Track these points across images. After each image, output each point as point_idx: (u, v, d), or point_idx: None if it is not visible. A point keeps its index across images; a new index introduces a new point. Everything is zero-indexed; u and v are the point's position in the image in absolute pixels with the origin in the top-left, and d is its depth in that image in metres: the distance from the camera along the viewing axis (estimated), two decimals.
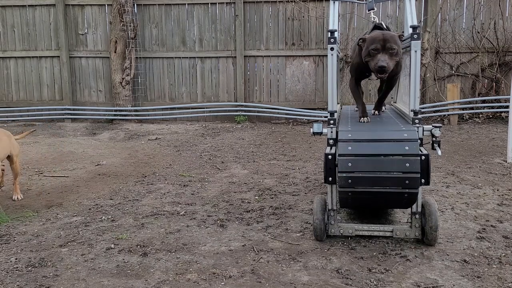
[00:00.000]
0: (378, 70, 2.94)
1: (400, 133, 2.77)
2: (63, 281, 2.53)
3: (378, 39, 2.96)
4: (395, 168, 2.64)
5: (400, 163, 2.63)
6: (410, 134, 2.73)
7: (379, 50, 2.95)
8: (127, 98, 8.61)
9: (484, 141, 6.37)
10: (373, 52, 2.97)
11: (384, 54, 2.94)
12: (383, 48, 2.95)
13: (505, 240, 2.96)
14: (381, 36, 2.97)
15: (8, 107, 9.08)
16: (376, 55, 2.96)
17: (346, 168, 2.68)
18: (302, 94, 8.64)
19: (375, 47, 2.96)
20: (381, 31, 3.10)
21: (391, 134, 2.79)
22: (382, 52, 2.95)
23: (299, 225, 3.30)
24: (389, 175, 2.64)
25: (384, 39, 2.95)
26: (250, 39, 8.62)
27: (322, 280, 2.49)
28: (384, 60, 2.92)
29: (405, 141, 2.69)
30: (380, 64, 2.91)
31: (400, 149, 2.65)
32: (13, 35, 9.03)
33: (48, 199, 4.10)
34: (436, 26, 8.19)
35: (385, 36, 2.97)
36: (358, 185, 2.69)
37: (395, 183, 2.64)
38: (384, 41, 2.94)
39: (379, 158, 2.67)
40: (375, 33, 3.05)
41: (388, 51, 2.95)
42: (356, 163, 2.68)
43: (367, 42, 3.03)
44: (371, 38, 3.01)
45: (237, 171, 4.99)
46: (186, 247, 2.96)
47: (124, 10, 8.30)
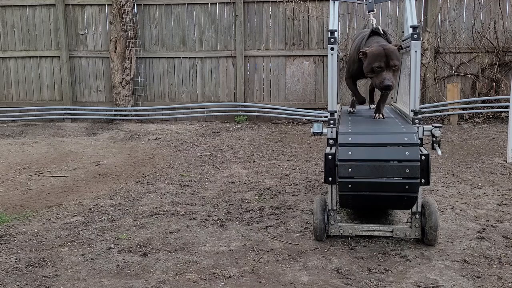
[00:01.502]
0: (384, 88, 2.96)
1: (401, 137, 2.76)
2: (63, 281, 2.53)
3: (381, 55, 2.94)
4: (395, 174, 2.64)
5: (400, 169, 2.63)
6: (410, 137, 2.72)
7: (383, 68, 2.94)
8: (127, 98, 8.61)
9: (484, 141, 6.37)
10: (377, 69, 2.96)
11: (388, 72, 2.94)
12: (387, 65, 2.94)
13: (505, 240, 2.96)
14: (383, 52, 2.94)
15: (8, 107, 9.08)
16: (381, 73, 2.95)
17: (346, 173, 2.68)
18: (302, 94, 8.64)
19: (379, 65, 2.94)
20: (381, 45, 3.03)
21: (391, 138, 2.78)
22: (386, 70, 2.94)
23: (299, 225, 3.30)
24: (389, 181, 2.64)
25: (386, 55, 2.93)
26: (250, 39, 8.62)
27: (322, 280, 2.49)
28: (390, 79, 2.92)
29: (405, 146, 2.69)
30: (386, 83, 2.92)
31: (400, 154, 2.65)
32: (13, 35, 9.03)
33: (48, 199, 4.10)
34: (436, 26, 8.19)
35: (387, 51, 2.94)
36: (358, 190, 2.69)
37: (394, 188, 2.65)
38: (387, 58, 2.93)
39: (379, 163, 2.66)
40: (376, 48, 3.01)
41: (392, 68, 2.95)
42: (356, 169, 2.68)
43: (369, 58, 3.00)
44: (374, 54, 2.98)
45: (237, 171, 4.99)
46: (186, 247, 2.96)
47: (124, 10, 8.30)
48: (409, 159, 2.64)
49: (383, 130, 2.83)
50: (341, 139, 2.78)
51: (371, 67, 2.99)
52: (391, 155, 2.66)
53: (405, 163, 2.63)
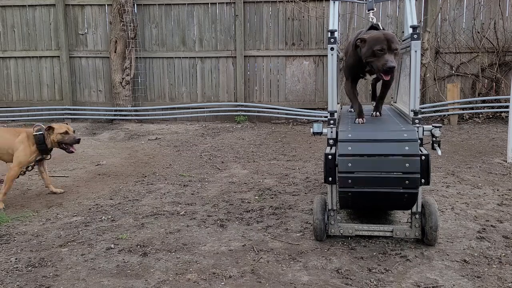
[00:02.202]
0: (387, 70, 2.92)
1: (400, 133, 2.77)
2: (63, 281, 2.53)
3: (381, 39, 2.93)
4: (395, 168, 2.63)
5: (400, 163, 2.63)
6: (410, 134, 2.73)
7: (385, 50, 2.92)
8: (127, 98, 8.61)
9: (484, 141, 6.37)
10: (379, 52, 2.93)
11: (390, 55, 2.92)
12: (389, 48, 2.92)
13: (505, 240, 2.96)
14: (383, 36, 2.94)
15: (8, 107, 9.08)
16: (383, 56, 2.92)
17: (346, 168, 2.68)
18: (302, 94, 8.64)
19: (381, 47, 2.92)
20: (379, 31, 3.08)
21: (391, 135, 2.78)
22: (388, 53, 2.92)
23: (299, 225, 3.30)
24: (389, 176, 2.64)
25: (387, 39, 2.92)
26: (250, 39, 8.62)
27: (322, 280, 2.49)
28: (392, 61, 2.90)
29: (405, 141, 2.69)
30: (389, 65, 2.89)
31: (400, 149, 2.65)
32: (13, 35, 9.03)
33: (48, 199, 4.10)
34: (436, 26, 8.19)
35: (387, 36, 2.95)
36: (358, 185, 2.69)
37: (395, 183, 2.64)
38: (388, 41, 2.92)
39: (379, 158, 2.66)
40: (375, 33, 3.03)
41: (393, 52, 2.94)
42: (356, 164, 2.67)
43: (369, 43, 2.99)
44: (373, 38, 2.98)
45: (237, 171, 4.99)
46: (186, 247, 2.96)
47: (124, 10, 8.30)
48: (409, 153, 2.63)
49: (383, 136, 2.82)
50: (341, 135, 2.78)
51: (371, 51, 2.96)
52: (390, 150, 2.66)
53: (405, 157, 2.63)
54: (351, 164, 2.68)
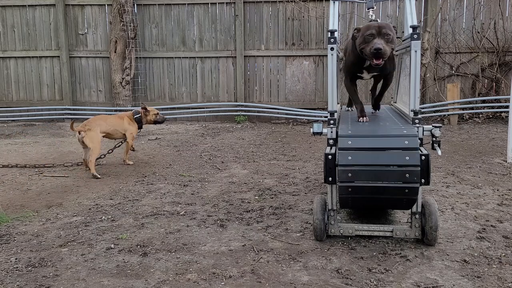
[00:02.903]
0: (374, 53, 2.89)
1: (400, 130, 2.80)
2: (63, 281, 2.53)
3: (373, 25, 2.99)
4: (395, 178, 2.63)
5: (400, 174, 2.63)
6: (409, 130, 2.75)
7: (374, 35, 2.94)
8: (127, 98, 8.61)
9: (484, 141, 6.37)
10: (368, 37, 2.95)
11: (380, 39, 2.93)
12: (379, 33, 2.94)
13: (505, 240, 2.96)
14: (376, 24, 3.01)
15: (8, 107, 9.08)
16: (372, 40, 2.94)
17: (346, 178, 2.68)
18: (302, 94, 8.64)
19: (371, 32, 2.95)
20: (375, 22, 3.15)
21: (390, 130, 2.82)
22: (378, 37, 2.94)
23: (299, 225, 3.30)
24: (388, 185, 2.63)
25: (379, 25, 2.97)
26: (250, 39, 8.63)
27: (322, 280, 2.49)
28: (380, 43, 2.89)
29: (405, 136, 2.70)
30: (376, 46, 2.87)
31: (400, 159, 2.65)
32: (13, 35, 9.03)
33: (48, 199, 4.10)
34: (436, 26, 8.19)
35: (380, 23, 3.01)
36: (358, 193, 2.69)
37: (395, 177, 2.63)
38: (379, 28, 2.95)
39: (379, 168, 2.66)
40: (369, 22, 3.13)
41: (384, 37, 2.94)
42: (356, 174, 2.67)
43: (362, 30, 3.04)
44: (366, 26, 3.05)
45: (237, 171, 4.99)
46: (186, 247, 2.96)
47: (124, 10, 8.30)
48: (409, 164, 2.63)
49: (383, 132, 2.82)
50: (341, 142, 2.78)
51: (363, 38, 2.99)
52: (391, 160, 2.65)
53: (405, 168, 2.63)
54: (351, 158, 2.68)
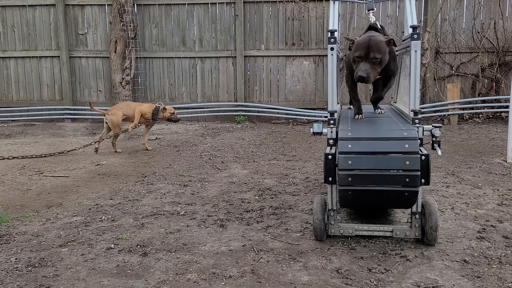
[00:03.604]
0: (358, 79, 2.97)
1: (400, 132, 2.78)
2: (63, 281, 2.53)
3: (362, 46, 2.95)
4: (395, 166, 2.63)
5: (400, 161, 2.63)
6: (409, 132, 2.74)
7: (362, 58, 2.95)
8: (127, 98, 8.61)
9: (484, 141, 6.37)
10: (357, 59, 2.98)
11: (366, 63, 2.93)
12: (366, 56, 2.94)
13: (505, 240, 2.96)
14: (366, 43, 2.95)
15: (8, 107, 9.08)
16: (359, 63, 2.96)
17: (346, 166, 2.68)
18: (302, 94, 8.64)
19: (359, 54, 2.96)
20: (369, 36, 3.05)
21: (391, 133, 2.80)
22: (364, 61, 2.94)
23: (299, 225, 3.30)
24: (389, 173, 2.63)
25: (368, 46, 2.93)
26: (250, 39, 8.63)
27: (322, 280, 2.49)
28: (365, 70, 2.91)
29: (405, 139, 2.70)
30: (359, 74, 2.92)
31: (400, 147, 2.65)
32: (13, 35, 9.04)
33: (48, 199, 4.10)
34: (436, 26, 8.19)
35: (370, 43, 2.95)
36: (358, 183, 2.68)
37: (395, 181, 2.64)
38: (367, 49, 2.93)
39: (378, 156, 2.66)
40: (362, 38, 3.04)
41: (371, 60, 2.94)
42: (356, 161, 2.67)
43: (354, 47, 3.03)
44: (357, 43, 3.01)
45: (237, 171, 4.99)
46: (186, 247, 2.96)
47: (124, 10, 8.30)
48: (408, 151, 2.63)
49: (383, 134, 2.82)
50: (341, 146, 2.78)
51: (353, 57, 3.01)
52: (390, 148, 2.66)
53: (405, 172, 2.63)
54: (351, 162, 2.68)
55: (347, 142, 2.75)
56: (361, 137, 2.78)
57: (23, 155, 5.70)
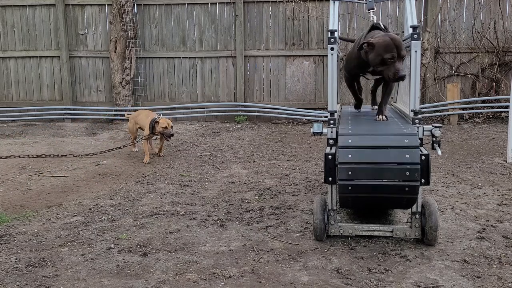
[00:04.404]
0: (399, 79, 2.91)
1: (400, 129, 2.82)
2: (63, 281, 2.53)
3: (391, 46, 2.86)
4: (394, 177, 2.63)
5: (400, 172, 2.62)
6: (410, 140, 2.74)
7: (395, 58, 2.87)
8: (127, 98, 8.61)
9: (484, 141, 6.37)
10: (389, 61, 2.88)
11: (400, 62, 2.89)
12: (399, 56, 2.88)
13: (505, 240, 2.96)
14: (392, 43, 2.86)
15: (8, 107, 9.08)
16: (393, 64, 2.88)
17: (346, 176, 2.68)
18: (302, 94, 8.64)
19: (392, 56, 2.86)
20: (387, 35, 2.96)
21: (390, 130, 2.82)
22: (398, 61, 2.88)
23: (299, 225, 3.30)
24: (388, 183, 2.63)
25: (396, 46, 2.86)
26: (250, 39, 8.62)
27: (322, 280, 2.49)
28: (403, 69, 2.88)
29: (405, 135, 2.71)
30: (401, 74, 2.86)
31: (400, 157, 2.65)
32: (13, 35, 9.03)
33: (48, 199, 4.10)
34: (436, 26, 8.19)
35: (396, 42, 2.88)
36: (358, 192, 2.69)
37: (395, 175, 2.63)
38: (397, 49, 2.86)
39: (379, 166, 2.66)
40: (384, 39, 2.92)
41: (402, 59, 2.91)
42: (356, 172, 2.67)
43: (379, 49, 2.90)
44: (382, 45, 2.89)
45: (237, 171, 4.99)
46: (186, 247, 2.96)
47: (124, 10, 8.30)
48: (409, 162, 2.63)
49: (383, 132, 2.83)
50: (341, 141, 2.78)
51: (381, 59, 2.89)
52: (391, 158, 2.65)
53: (405, 166, 2.63)
54: (351, 156, 2.68)
55: (347, 137, 2.76)
56: (361, 133, 2.78)
57: (80, 153, 5.69)
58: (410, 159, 2.63)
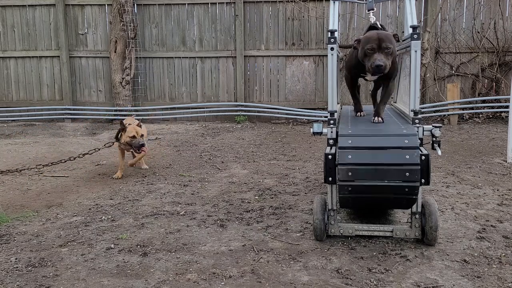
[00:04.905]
0: (375, 69, 2.93)
1: (400, 129, 2.82)
2: (63, 281, 2.53)
3: (373, 38, 2.97)
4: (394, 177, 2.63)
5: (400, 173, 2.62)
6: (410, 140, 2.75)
7: (374, 49, 2.95)
8: (127, 98, 8.61)
9: (484, 141, 6.37)
10: (369, 52, 2.97)
11: (380, 53, 2.94)
12: (379, 47, 2.94)
13: (505, 240, 2.96)
14: (375, 36, 2.97)
15: (8, 107, 9.08)
16: (372, 55, 2.95)
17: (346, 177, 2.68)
18: (302, 94, 8.64)
19: (371, 46, 2.95)
20: (375, 31, 3.09)
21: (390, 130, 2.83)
22: (378, 52, 2.94)
23: (299, 225, 3.30)
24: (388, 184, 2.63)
25: (379, 38, 2.95)
26: (250, 39, 8.62)
27: (322, 280, 2.49)
28: (381, 59, 2.91)
29: (404, 135, 2.71)
30: (376, 63, 2.90)
31: (400, 158, 2.65)
32: (13, 35, 9.03)
33: (48, 199, 4.10)
34: (436, 26, 8.19)
35: (380, 35, 2.97)
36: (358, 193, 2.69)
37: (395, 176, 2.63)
38: (379, 40, 2.94)
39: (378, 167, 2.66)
40: (369, 33, 3.06)
41: (384, 50, 2.95)
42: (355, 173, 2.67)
43: (362, 42, 3.03)
44: (366, 38, 3.02)
45: (237, 171, 4.99)
46: (186, 247, 2.96)
47: (124, 10, 8.30)
48: (409, 162, 2.63)
49: (383, 132, 2.83)
50: (341, 142, 2.78)
51: (364, 51, 3.00)
52: (391, 159, 2.65)
53: (405, 166, 2.63)
54: (351, 157, 2.68)
55: (347, 138, 2.76)
56: (361, 134, 2.78)
57: None
58: (410, 160, 2.62)
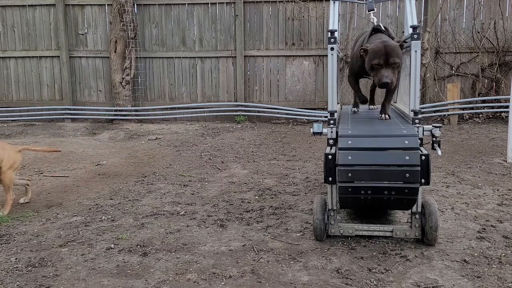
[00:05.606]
0: (381, 86, 2.94)
1: (400, 130, 2.81)
2: (63, 281, 2.53)
3: (380, 52, 2.91)
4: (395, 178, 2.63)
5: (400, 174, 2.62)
6: (409, 130, 2.75)
7: (382, 65, 2.92)
8: (127, 98, 8.61)
9: (484, 141, 6.37)
10: (376, 66, 2.94)
11: (387, 69, 2.91)
12: (386, 63, 2.91)
13: (505, 240, 2.96)
14: (383, 50, 2.91)
15: (8, 107, 9.07)
16: (380, 70, 2.93)
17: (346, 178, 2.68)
18: (302, 94, 8.64)
19: (378, 62, 2.92)
20: (382, 42, 2.99)
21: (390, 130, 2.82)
22: (385, 67, 2.91)
23: (299, 225, 3.30)
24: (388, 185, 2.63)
25: (386, 52, 2.90)
26: (250, 39, 8.62)
27: (322, 280, 2.49)
28: (388, 76, 2.90)
29: (404, 136, 2.71)
30: (383, 80, 2.90)
31: (400, 159, 2.65)
32: (13, 35, 9.03)
33: (48, 199, 4.10)
34: (436, 26, 8.18)
35: (387, 48, 2.91)
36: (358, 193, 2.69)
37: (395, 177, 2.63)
38: (386, 55, 2.90)
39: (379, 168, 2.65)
40: (376, 45, 2.98)
41: (391, 66, 2.92)
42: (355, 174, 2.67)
43: (370, 55, 2.98)
44: (373, 51, 2.96)
45: (237, 171, 4.99)
46: (186, 247, 2.96)
47: (124, 10, 8.30)
48: (409, 164, 2.63)
49: (383, 133, 2.82)
50: (341, 142, 2.78)
51: (370, 64, 2.98)
52: (391, 160, 2.65)
53: (405, 167, 2.63)
54: (351, 157, 2.68)
55: (347, 139, 2.76)
56: (361, 134, 2.78)
57: None
58: (410, 161, 2.62)
